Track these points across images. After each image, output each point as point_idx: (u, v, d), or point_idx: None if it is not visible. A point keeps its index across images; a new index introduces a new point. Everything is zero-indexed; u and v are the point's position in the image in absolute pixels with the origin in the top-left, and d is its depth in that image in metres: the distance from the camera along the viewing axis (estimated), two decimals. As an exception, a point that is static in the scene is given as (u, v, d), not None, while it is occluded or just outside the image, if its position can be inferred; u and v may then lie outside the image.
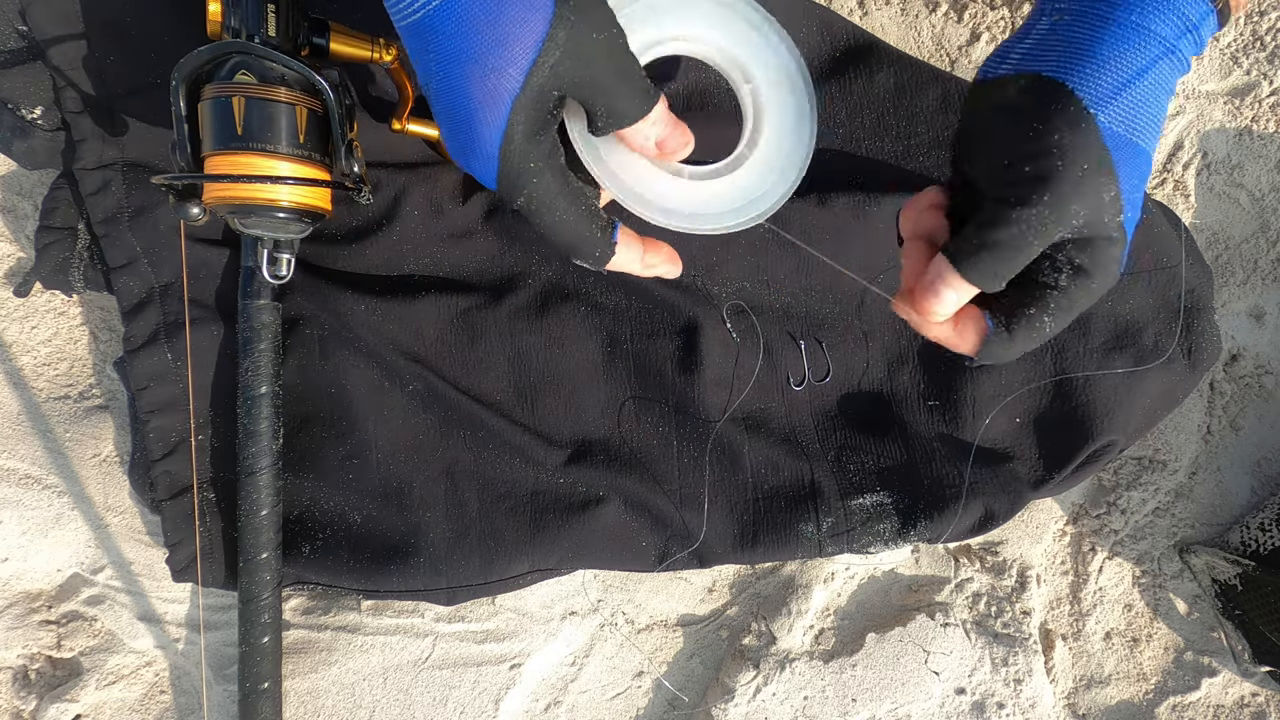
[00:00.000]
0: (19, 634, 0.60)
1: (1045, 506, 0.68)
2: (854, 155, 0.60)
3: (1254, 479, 0.70)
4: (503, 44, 0.34)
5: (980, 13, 0.67)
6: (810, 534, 0.58)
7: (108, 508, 0.61)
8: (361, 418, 0.57)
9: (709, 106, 0.59)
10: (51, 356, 0.61)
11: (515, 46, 0.34)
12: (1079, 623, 0.69)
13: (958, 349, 0.37)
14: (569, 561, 0.58)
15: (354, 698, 0.60)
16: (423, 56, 0.35)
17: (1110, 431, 0.58)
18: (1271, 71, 0.67)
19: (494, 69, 0.34)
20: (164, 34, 0.53)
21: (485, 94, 0.34)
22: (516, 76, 0.34)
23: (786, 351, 0.60)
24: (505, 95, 0.34)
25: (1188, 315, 0.59)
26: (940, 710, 0.64)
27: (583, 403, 0.59)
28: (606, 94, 0.36)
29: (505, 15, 0.33)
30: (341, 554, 0.56)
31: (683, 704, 0.65)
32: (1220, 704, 0.69)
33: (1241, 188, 0.69)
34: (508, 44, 0.34)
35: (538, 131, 0.36)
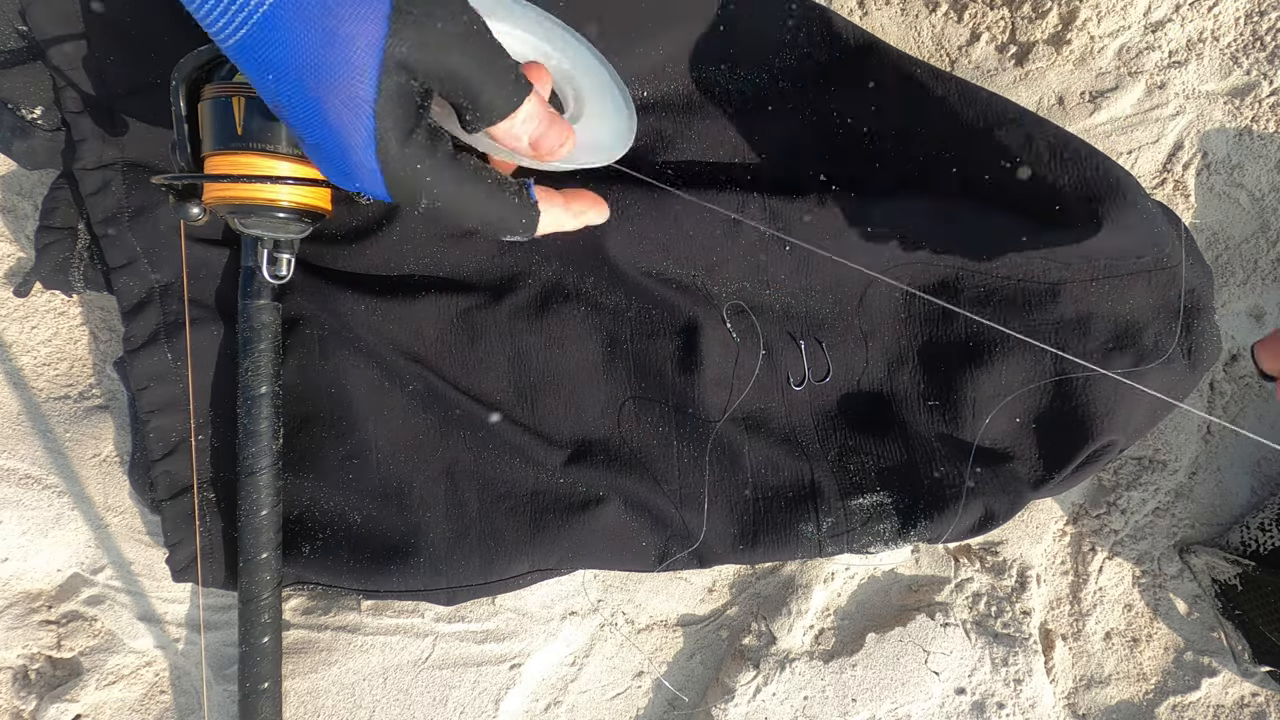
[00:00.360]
0: (19, 634, 0.60)
1: (1045, 506, 0.68)
2: (854, 155, 0.60)
3: (1254, 479, 0.70)
4: (342, 50, 0.31)
5: (980, 13, 0.68)
6: (810, 534, 0.58)
7: (108, 508, 0.61)
8: (361, 418, 0.57)
9: (709, 106, 0.59)
10: (51, 356, 0.61)
11: (356, 49, 0.31)
12: (1079, 623, 0.69)
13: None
14: (569, 561, 0.58)
15: (354, 698, 0.60)
16: (262, 80, 0.32)
17: (1110, 431, 0.58)
18: (1271, 71, 0.67)
19: (341, 78, 0.31)
20: (164, 34, 0.53)
21: (341, 107, 0.32)
22: (368, 82, 0.32)
23: (786, 351, 0.60)
24: (363, 103, 0.32)
25: (1188, 315, 0.59)
26: (940, 710, 0.64)
27: (583, 403, 0.59)
28: (468, 87, 0.34)
29: (336, 18, 0.31)
30: (341, 554, 0.56)
31: (683, 704, 0.65)
32: (1220, 704, 0.69)
33: (1241, 188, 0.69)
34: (347, 48, 0.31)
35: (412, 130, 0.33)
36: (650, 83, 0.59)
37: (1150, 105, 0.68)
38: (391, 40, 0.31)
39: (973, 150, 0.60)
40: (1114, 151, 0.68)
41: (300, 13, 0.30)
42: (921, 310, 0.61)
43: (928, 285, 0.61)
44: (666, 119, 0.58)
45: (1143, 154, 0.68)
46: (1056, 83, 0.68)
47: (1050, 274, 0.59)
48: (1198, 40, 0.68)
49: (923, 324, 0.61)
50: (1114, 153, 0.68)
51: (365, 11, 0.31)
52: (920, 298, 0.61)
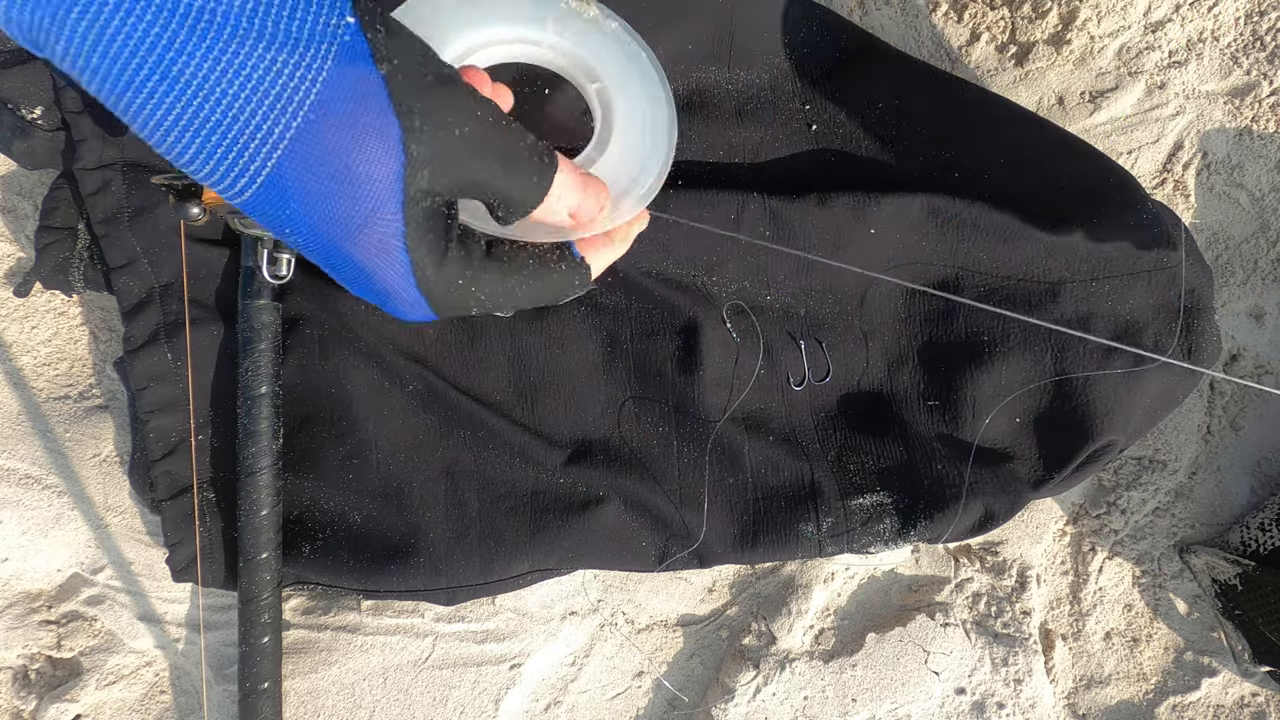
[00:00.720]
0: (19, 634, 0.60)
1: (1045, 506, 0.68)
2: (854, 155, 0.60)
3: (1254, 479, 0.70)
4: (360, 195, 0.29)
5: (980, 13, 0.68)
6: (810, 534, 0.58)
7: (108, 508, 0.61)
8: (361, 418, 0.57)
9: (709, 106, 0.59)
10: (51, 356, 0.61)
11: (374, 189, 0.29)
12: (1079, 623, 0.69)
13: None
14: (569, 561, 0.58)
15: (354, 698, 0.60)
16: (282, 231, 0.30)
17: (1110, 431, 0.58)
18: (1271, 71, 0.67)
19: (365, 224, 0.29)
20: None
21: (370, 250, 0.30)
22: (393, 220, 0.30)
23: (786, 351, 0.60)
24: (392, 242, 0.30)
25: (1188, 315, 0.59)
26: (940, 710, 0.64)
27: (583, 403, 0.59)
28: (494, 188, 0.32)
29: (348, 163, 0.28)
30: (341, 554, 0.56)
31: (683, 704, 0.65)
32: (1220, 704, 0.69)
33: (1241, 188, 0.69)
34: (366, 191, 0.29)
35: (446, 249, 0.31)
36: (650, 83, 0.59)
37: (1150, 105, 0.68)
38: (410, 170, 0.29)
39: (973, 150, 0.60)
40: (1114, 151, 0.68)
41: (309, 165, 0.28)
42: (922, 310, 0.61)
43: (928, 285, 0.61)
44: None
45: (1143, 154, 0.68)
46: (1056, 83, 0.68)
47: (1050, 274, 0.59)
48: (1198, 40, 0.68)
49: (923, 324, 0.61)
50: (1114, 153, 0.68)
51: (377, 146, 0.28)
52: (920, 299, 0.61)
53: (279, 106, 0.27)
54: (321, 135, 0.28)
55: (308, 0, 0.27)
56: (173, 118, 0.26)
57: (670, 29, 0.58)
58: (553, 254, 0.35)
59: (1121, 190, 0.59)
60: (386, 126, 0.28)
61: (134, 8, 0.25)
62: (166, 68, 0.25)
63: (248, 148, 0.27)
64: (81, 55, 0.25)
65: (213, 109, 0.26)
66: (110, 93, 0.26)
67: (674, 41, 0.58)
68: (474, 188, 0.31)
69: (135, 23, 0.25)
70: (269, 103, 0.27)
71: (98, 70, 0.26)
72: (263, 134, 0.27)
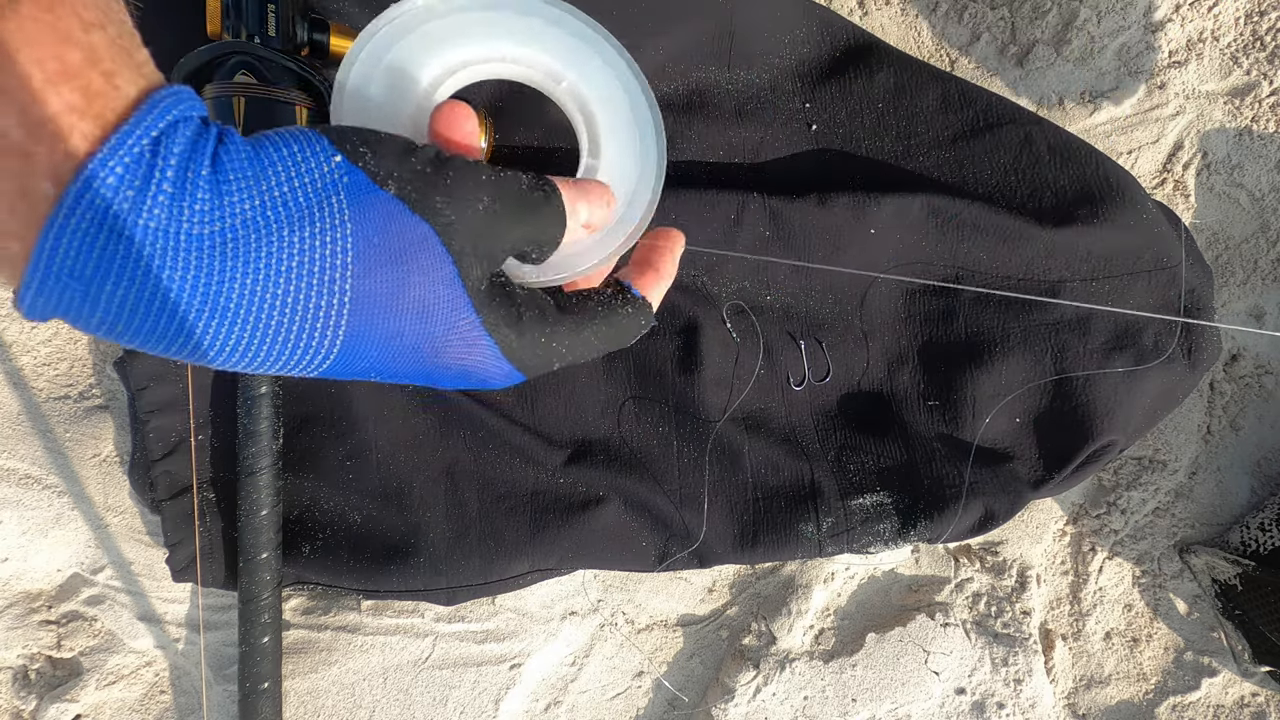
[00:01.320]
0: (19, 634, 0.60)
1: (1045, 506, 0.68)
2: (854, 155, 0.60)
3: (1254, 479, 0.70)
4: (430, 312, 0.29)
5: (980, 13, 0.68)
6: (810, 534, 0.58)
7: (108, 508, 0.61)
8: (361, 418, 0.57)
9: (709, 106, 0.59)
10: (51, 356, 0.61)
11: (442, 300, 0.29)
12: (1079, 623, 0.69)
13: None
14: (569, 561, 0.58)
15: (354, 698, 0.60)
16: (370, 377, 0.30)
17: (1110, 431, 0.58)
18: (1271, 71, 0.67)
19: (445, 334, 0.29)
20: (165, 33, 0.53)
21: (458, 352, 0.30)
22: (469, 316, 0.30)
23: (786, 351, 0.60)
24: (474, 333, 0.30)
25: (1188, 315, 0.59)
26: (940, 710, 0.64)
27: (583, 403, 0.59)
28: (526, 239, 0.32)
29: (406, 289, 0.28)
30: (341, 554, 0.56)
31: (683, 704, 0.65)
32: (1220, 704, 0.69)
33: (1241, 188, 0.69)
34: (434, 307, 0.29)
35: (520, 316, 0.32)
36: (650, 82, 0.59)
37: (1150, 105, 0.68)
38: (461, 266, 0.29)
39: (973, 150, 0.60)
40: (1114, 151, 0.68)
41: (373, 316, 0.28)
42: (922, 310, 0.61)
43: (928, 285, 0.61)
44: (667, 119, 0.58)
45: (1143, 154, 0.68)
46: (1056, 83, 0.68)
47: (1050, 274, 0.59)
48: (1198, 40, 0.68)
49: (923, 324, 0.61)
50: (1114, 153, 0.68)
51: (424, 263, 0.28)
52: (920, 299, 0.61)
53: (327, 276, 0.27)
54: (372, 279, 0.27)
55: (296, 165, 0.27)
56: (234, 337, 0.26)
57: (670, 29, 0.58)
58: (617, 298, 0.36)
59: (1121, 190, 0.59)
60: (423, 239, 0.28)
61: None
62: (205, 297, 0.25)
63: (315, 328, 0.27)
64: (120, 322, 0.25)
65: (269, 314, 0.26)
66: (159, 342, 0.25)
67: (674, 41, 0.58)
68: (512, 246, 0.31)
69: (159, 273, 0.24)
70: (316, 280, 0.26)
71: (141, 329, 0.25)
72: (324, 310, 0.27)
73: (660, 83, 0.59)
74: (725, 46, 0.59)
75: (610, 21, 0.56)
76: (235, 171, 0.26)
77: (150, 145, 0.24)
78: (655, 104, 0.41)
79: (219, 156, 0.26)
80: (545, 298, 0.34)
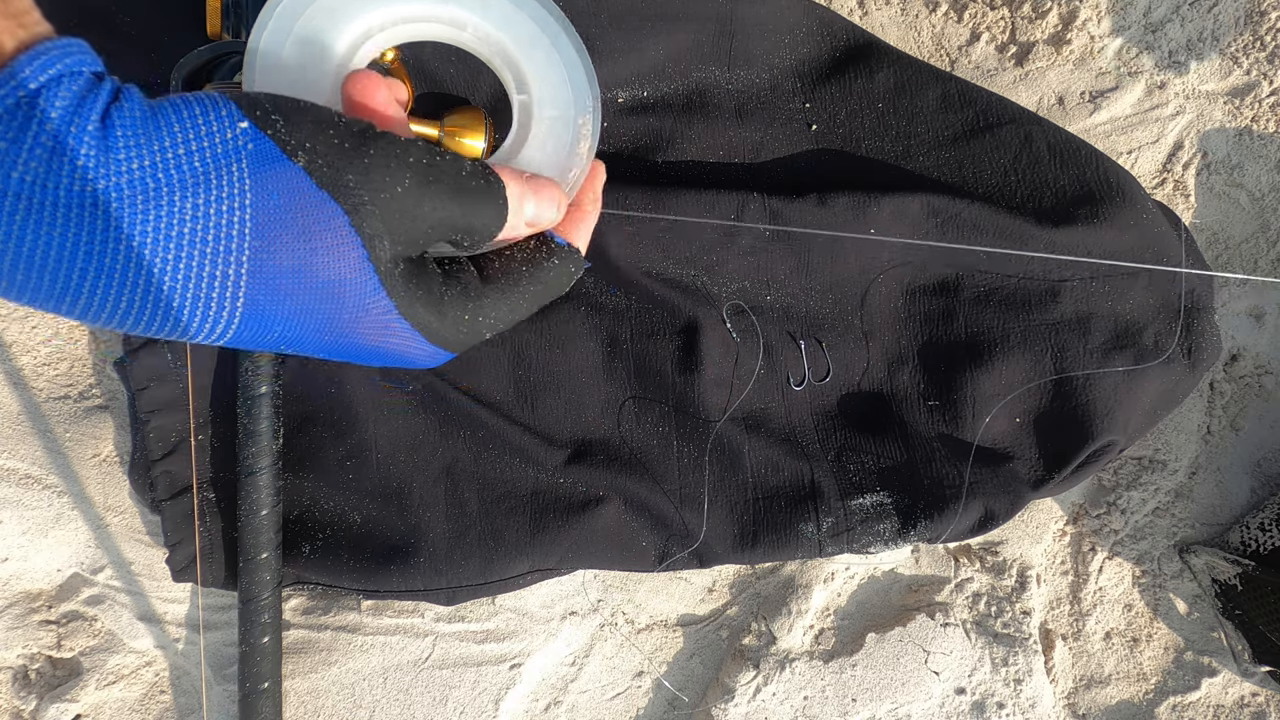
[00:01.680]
0: (19, 634, 0.60)
1: (1045, 506, 0.68)
2: (854, 155, 0.60)
3: (1254, 479, 0.70)
4: (336, 291, 0.28)
5: (980, 13, 0.68)
6: (810, 534, 0.58)
7: (108, 508, 0.61)
8: (361, 418, 0.57)
9: (709, 106, 0.59)
10: (51, 356, 0.61)
11: (348, 282, 0.28)
12: (1079, 623, 0.69)
13: None
14: (569, 561, 0.58)
15: (354, 698, 0.60)
16: (280, 349, 0.29)
17: (1110, 431, 0.58)
18: (1271, 71, 0.67)
19: (354, 316, 0.28)
20: (164, 34, 0.53)
21: (371, 334, 0.29)
22: (379, 299, 0.28)
23: (786, 351, 0.60)
24: (387, 316, 0.29)
25: (1188, 315, 0.59)
26: (940, 710, 0.64)
27: (583, 403, 0.59)
28: (454, 226, 0.30)
29: (310, 266, 0.27)
30: (341, 554, 0.56)
31: (683, 704, 0.65)
32: (1220, 704, 0.69)
33: (1241, 188, 0.69)
34: (339, 287, 0.28)
35: (441, 297, 0.31)
36: (650, 83, 0.59)
37: (1150, 105, 0.68)
38: (371, 248, 0.28)
39: (973, 150, 0.60)
40: (1114, 151, 0.68)
41: (275, 288, 0.27)
42: (922, 310, 0.61)
43: (928, 285, 0.61)
44: (667, 119, 0.58)
45: (1143, 154, 0.68)
46: (1056, 83, 0.68)
47: (1050, 273, 0.59)
48: (1198, 40, 0.68)
49: (923, 324, 0.61)
50: (1114, 153, 0.68)
51: (330, 241, 0.27)
52: (920, 299, 0.61)
53: (221, 245, 0.25)
54: (274, 255, 0.26)
55: (196, 128, 0.26)
56: (123, 299, 0.25)
57: (670, 29, 0.58)
58: (541, 250, 0.34)
59: (1121, 190, 0.59)
60: (330, 217, 0.27)
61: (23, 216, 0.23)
62: (89, 256, 0.24)
63: (209, 297, 0.26)
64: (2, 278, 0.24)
65: (156, 279, 0.25)
66: (47, 300, 0.25)
67: (674, 41, 0.58)
68: (436, 233, 0.30)
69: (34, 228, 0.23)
70: (209, 249, 0.25)
71: (24, 287, 0.24)
72: (219, 281, 0.26)
73: (660, 83, 0.59)
74: (725, 46, 0.59)
75: (611, 19, 0.57)
76: (126, 130, 0.25)
77: (27, 98, 0.23)
78: (580, 42, 0.38)
79: (110, 114, 0.25)
80: (469, 269, 0.32)
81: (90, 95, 0.24)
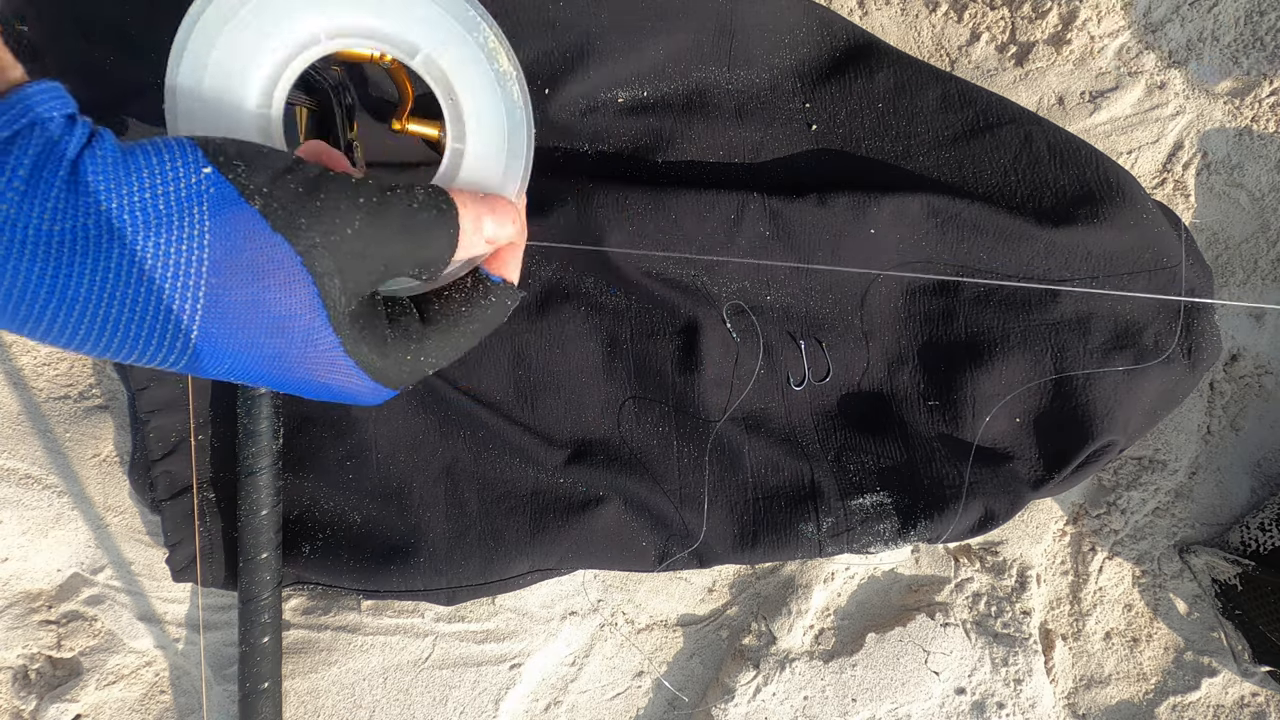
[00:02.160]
0: (19, 634, 0.60)
1: (1045, 506, 0.68)
2: (854, 155, 0.60)
3: (1254, 479, 0.70)
4: (285, 327, 0.29)
5: (980, 13, 0.68)
6: (810, 534, 0.58)
7: (108, 508, 0.61)
8: (361, 418, 0.57)
9: (709, 106, 0.59)
10: (51, 356, 0.61)
11: (298, 319, 0.29)
12: (1079, 623, 0.69)
13: None
14: (569, 561, 0.58)
15: (354, 698, 0.60)
16: (230, 377, 0.30)
17: (1110, 431, 0.58)
18: (1271, 71, 0.67)
19: (301, 352, 0.30)
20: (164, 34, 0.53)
21: (317, 369, 0.30)
22: (327, 337, 0.30)
23: (786, 351, 0.60)
24: (332, 354, 0.30)
25: (1188, 315, 0.59)
26: (940, 710, 0.64)
27: (583, 403, 0.59)
28: (407, 261, 0.32)
29: (262, 302, 0.28)
30: (341, 554, 0.56)
31: (683, 704, 0.65)
32: (1220, 704, 0.69)
33: (1241, 188, 0.69)
34: (289, 322, 0.29)
35: (385, 339, 0.32)
36: (650, 83, 0.59)
37: (1150, 105, 0.68)
38: (322, 287, 0.29)
39: (972, 150, 0.60)
40: (1114, 151, 0.68)
41: (227, 322, 0.28)
42: (922, 310, 0.61)
43: (928, 285, 0.61)
44: (667, 119, 0.58)
45: (1143, 154, 0.68)
46: (1056, 83, 0.68)
47: (1050, 273, 0.59)
48: (1198, 40, 0.68)
49: (923, 324, 0.61)
50: (1114, 153, 0.68)
51: (282, 279, 0.28)
52: (920, 299, 0.61)
53: (179, 282, 0.27)
54: (229, 291, 0.28)
55: (163, 173, 0.27)
56: (82, 328, 0.27)
57: (670, 29, 0.58)
58: (477, 290, 0.35)
59: (1121, 190, 0.59)
60: (282, 258, 0.28)
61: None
62: (52, 289, 0.26)
63: (165, 329, 0.27)
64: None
65: (116, 312, 0.27)
66: (10, 322, 0.26)
67: (674, 41, 0.58)
68: (388, 270, 0.31)
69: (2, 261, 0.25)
70: (168, 283, 0.27)
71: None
72: (174, 312, 0.27)
73: (660, 83, 0.59)
74: (725, 46, 0.59)
75: (611, 19, 0.57)
76: (97, 174, 0.26)
77: (1, 144, 0.25)
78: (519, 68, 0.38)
79: (83, 158, 0.26)
80: (410, 311, 0.34)
81: (65, 139, 0.26)
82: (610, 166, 0.58)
